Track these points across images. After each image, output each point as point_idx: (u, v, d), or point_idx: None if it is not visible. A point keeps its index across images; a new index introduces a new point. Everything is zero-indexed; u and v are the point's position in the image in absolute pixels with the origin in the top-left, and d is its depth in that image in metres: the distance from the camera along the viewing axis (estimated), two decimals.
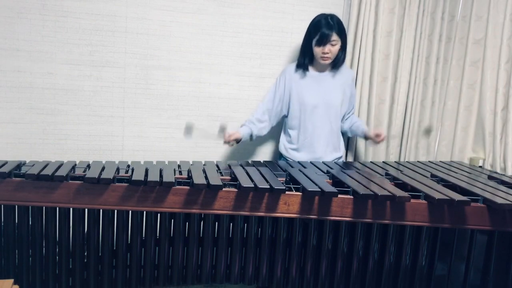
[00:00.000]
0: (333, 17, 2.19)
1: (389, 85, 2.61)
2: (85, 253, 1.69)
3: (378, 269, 1.72)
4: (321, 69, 2.29)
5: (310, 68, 2.29)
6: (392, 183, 1.86)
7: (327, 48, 2.17)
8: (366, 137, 2.36)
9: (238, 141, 2.21)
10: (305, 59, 2.26)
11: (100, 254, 1.70)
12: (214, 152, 2.55)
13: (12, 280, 1.41)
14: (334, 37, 2.16)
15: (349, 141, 2.66)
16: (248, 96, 2.55)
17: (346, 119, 2.41)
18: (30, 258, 1.67)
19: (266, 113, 2.30)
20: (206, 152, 2.54)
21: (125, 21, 2.33)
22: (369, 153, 2.66)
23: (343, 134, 2.45)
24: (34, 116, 2.30)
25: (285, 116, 2.36)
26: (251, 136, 2.28)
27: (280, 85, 2.31)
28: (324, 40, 2.15)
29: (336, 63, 2.27)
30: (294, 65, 2.33)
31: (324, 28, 2.15)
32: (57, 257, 1.68)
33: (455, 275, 1.71)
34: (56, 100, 2.31)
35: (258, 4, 2.48)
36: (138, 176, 1.65)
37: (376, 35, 2.54)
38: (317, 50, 2.19)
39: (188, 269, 1.72)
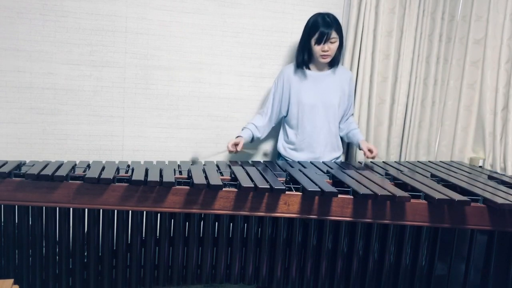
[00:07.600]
0: (329, 15, 2.21)
1: (389, 85, 2.60)
2: (85, 253, 1.69)
3: (378, 269, 1.72)
4: (320, 68, 2.30)
5: (309, 66, 2.30)
6: (392, 183, 1.86)
7: (327, 46, 2.18)
8: (359, 148, 2.32)
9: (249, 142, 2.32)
10: (304, 57, 2.26)
11: (100, 254, 1.70)
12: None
13: (12, 280, 1.41)
14: (333, 34, 2.17)
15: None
16: (248, 96, 2.55)
17: (344, 122, 2.40)
18: (30, 258, 1.67)
19: (267, 116, 2.33)
20: (206, 152, 2.53)
21: (125, 21, 2.33)
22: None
23: (341, 138, 2.43)
24: (34, 116, 2.30)
25: (284, 117, 2.36)
26: (252, 138, 2.31)
27: (279, 87, 2.32)
28: (324, 38, 2.16)
29: (334, 61, 2.28)
30: (291, 66, 2.33)
31: (323, 26, 2.16)
32: (57, 257, 1.68)
33: (455, 275, 1.71)
34: (56, 100, 2.31)
35: (258, 4, 2.47)
36: (138, 176, 1.65)
37: (377, 35, 2.53)
38: (317, 49, 2.20)
39: (188, 269, 1.72)
